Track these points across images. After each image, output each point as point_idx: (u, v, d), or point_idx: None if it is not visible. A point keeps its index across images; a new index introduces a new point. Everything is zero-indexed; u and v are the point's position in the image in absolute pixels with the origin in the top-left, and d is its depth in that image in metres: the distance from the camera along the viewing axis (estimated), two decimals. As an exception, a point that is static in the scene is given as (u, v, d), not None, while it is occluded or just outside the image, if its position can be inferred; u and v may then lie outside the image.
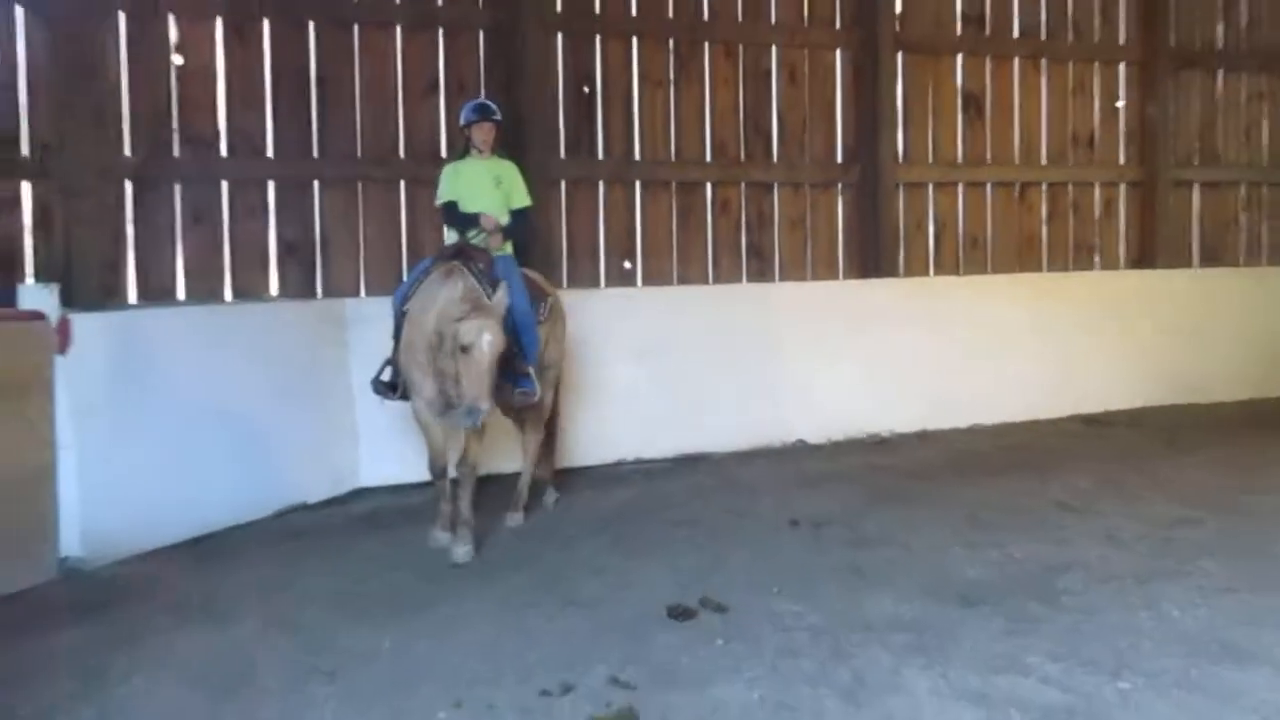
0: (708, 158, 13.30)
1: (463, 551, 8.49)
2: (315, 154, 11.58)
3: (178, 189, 11.01)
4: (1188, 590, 7.68)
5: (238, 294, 11.19)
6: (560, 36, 12.53)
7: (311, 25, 11.51)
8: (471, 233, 9.10)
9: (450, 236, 9.32)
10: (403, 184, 11.94)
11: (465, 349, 8.06)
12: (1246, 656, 6.55)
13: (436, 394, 8.62)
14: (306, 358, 10.43)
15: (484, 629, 7.17)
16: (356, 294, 11.59)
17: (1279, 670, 6.34)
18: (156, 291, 10.83)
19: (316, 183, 11.62)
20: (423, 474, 10.49)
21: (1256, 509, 9.70)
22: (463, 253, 8.84)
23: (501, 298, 8.29)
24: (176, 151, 10.98)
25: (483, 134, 9.31)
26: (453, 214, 9.28)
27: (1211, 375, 14.78)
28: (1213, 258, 16.08)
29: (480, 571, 8.31)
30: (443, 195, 9.32)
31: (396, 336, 9.00)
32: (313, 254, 11.59)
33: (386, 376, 9.12)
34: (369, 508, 10.24)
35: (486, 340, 7.97)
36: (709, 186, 13.36)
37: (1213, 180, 16.16)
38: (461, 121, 9.42)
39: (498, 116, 9.43)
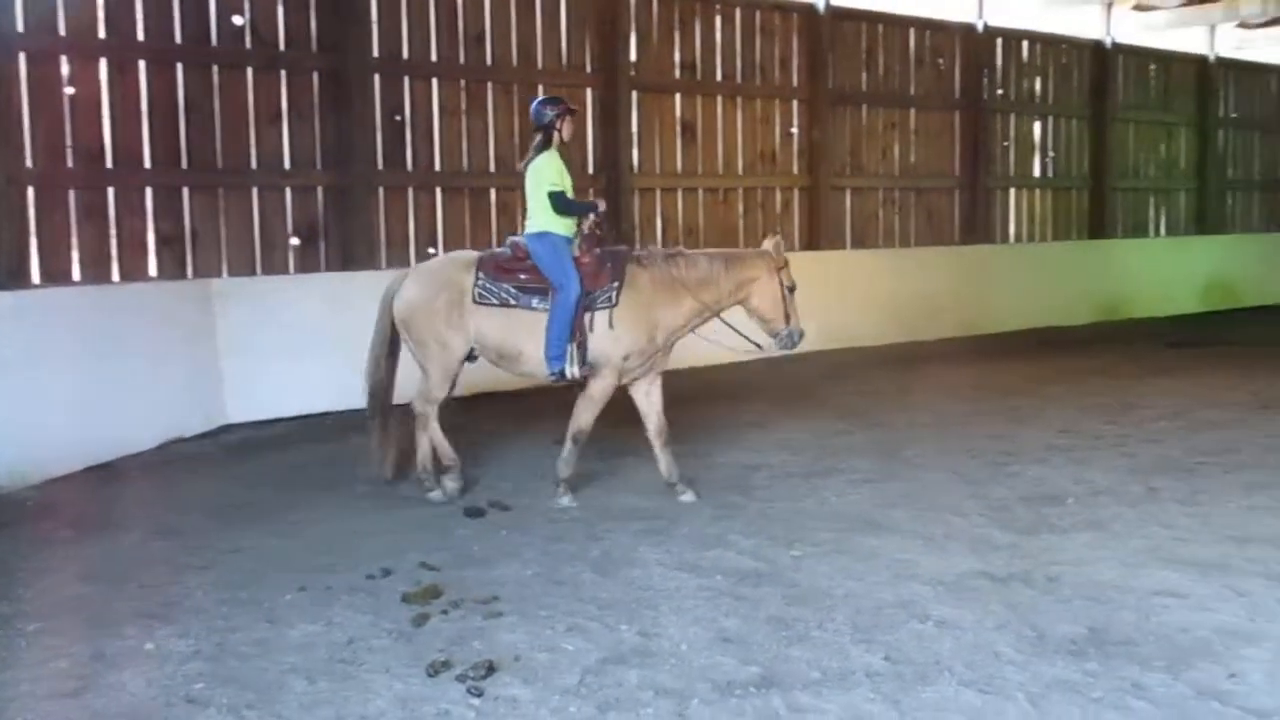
0: (492, 169, 13.09)
1: (690, 495, 7.55)
2: (184, 165, 11.00)
3: (71, 193, 10.38)
4: (842, 482, 7.91)
5: (124, 276, 10.62)
6: (377, 77, 12.16)
7: (179, 65, 10.94)
8: (590, 220, 7.69)
9: (557, 220, 7.56)
10: (255, 190, 11.49)
11: (792, 289, 7.82)
12: (882, 529, 6.76)
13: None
14: (179, 324, 9.99)
15: (324, 529, 7.03)
16: (220, 275, 11.11)
17: (904, 537, 6.57)
18: (56, 275, 10.21)
19: (186, 188, 11.06)
20: (278, 411, 10.33)
21: (892, 422, 10.01)
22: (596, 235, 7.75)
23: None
24: (70, 163, 10.36)
25: (570, 126, 7.83)
26: (570, 202, 7.61)
27: (860, 326, 15.16)
28: (860, 242, 16.51)
29: (322, 485, 8.12)
30: (557, 184, 7.53)
31: (573, 325, 7.44)
32: (184, 244, 11.05)
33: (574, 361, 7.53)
34: (235, 439, 9.89)
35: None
36: (493, 192, 13.14)
37: (859, 186, 16.54)
38: (552, 115, 7.63)
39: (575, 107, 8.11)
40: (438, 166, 12.68)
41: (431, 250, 12.60)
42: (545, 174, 7.59)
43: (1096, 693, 4.48)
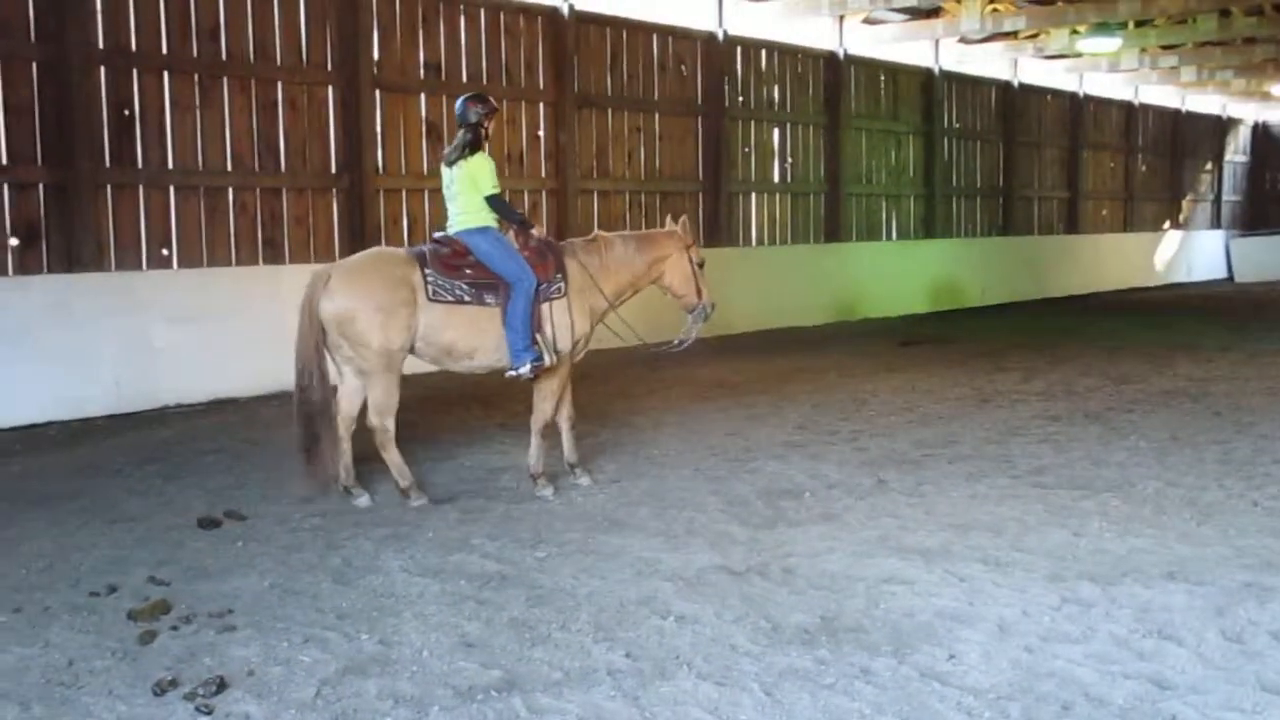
0: (229, 168, 12.60)
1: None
2: (-115, 160, 10.23)
3: None
4: (587, 481, 7.94)
5: None
6: (103, 69, 11.55)
7: (-123, 52, 10.17)
8: (535, 227, 7.91)
9: (492, 217, 7.66)
10: (-33, 187, 10.79)
11: (701, 265, 8.23)
12: (626, 527, 6.84)
13: None
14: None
15: (43, 545, 6.61)
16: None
17: (648, 535, 6.67)
18: None
19: (-113, 184, 10.29)
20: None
21: (638, 424, 10.15)
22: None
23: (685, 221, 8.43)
24: None
25: (495, 123, 7.83)
26: (507, 208, 7.78)
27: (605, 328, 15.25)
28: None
29: (41, 499, 7.63)
30: (497, 188, 7.63)
31: (533, 317, 7.52)
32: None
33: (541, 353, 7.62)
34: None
35: None
36: (230, 191, 12.65)
37: (605, 189, 16.72)
38: (480, 113, 7.69)
39: None
40: (170, 164, 12.12)
41: (165, 252, 12.05)
42: (484, 178, 7.60)
43: (827, 679, 4.64)
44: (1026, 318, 20.36)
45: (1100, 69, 25.02)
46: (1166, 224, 30.75)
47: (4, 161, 10.93)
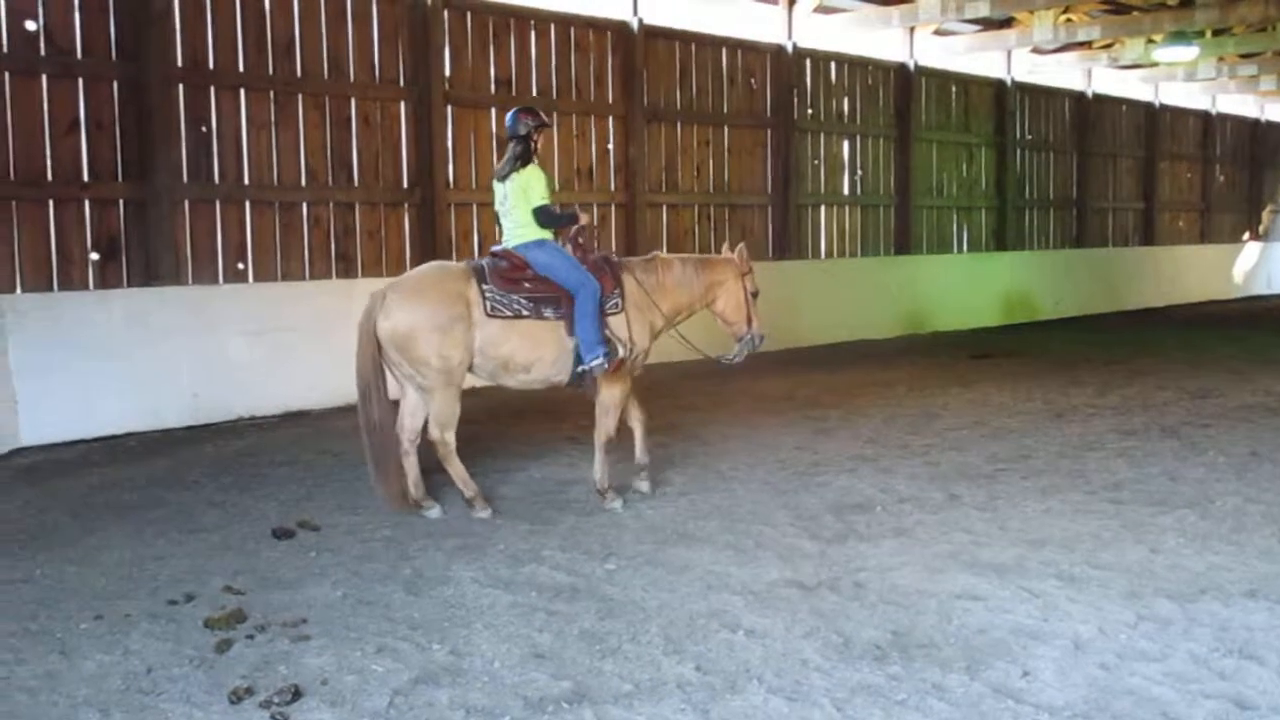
0: (303, 183, 12.79)
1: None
2: (-28, 177, 10.51)
3: None
4: (656, 495, 7.96)
5: (-93, 292, 10.05)
6: (181, 87, 11.78)
7: (-34, 72, 10.45)
8: (574, 230, 7.91)
9: (542, 231, 7.70)
10: (51, 202, 11.00)
11: (755, 294, 8.22)
12: (695, 540, 6.84)
13: None
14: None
15: (123, 554, 6.74)
16: (13, 291, 10.60)
17: (717, 548, 6.66)
18: None
19: (-25, 201, 10.56)
20: (76, 433, 9.91)
21: (706, 437, 10.14)
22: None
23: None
24: None
25: (545, 138, 7.92)
26: (554, 215, 7.73)
27: (675, 341, 15.26)
28: (677, 258, 16.67)
29: (122, 509, 7.78)
30: (548, 199, 7.68)
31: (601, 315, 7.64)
32: (-27, 259, 10.54)
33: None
34: (28, 463, 9.38)
35: None
36: (305, 206, 12.85)
37: (674, 203, 16.74)
38: (530, 127, 7.74)
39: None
40: (246, 180, 12.33)
41: (241, 266, 12.26)
42: (536, 188, 7.66)
43: (899, 695, 4.61)
44: (1101, 331, 20.07)
45: (1176, 78, 24.62)
46: (1245, 235, 30.18)
47: (85, 178, 11.18)
